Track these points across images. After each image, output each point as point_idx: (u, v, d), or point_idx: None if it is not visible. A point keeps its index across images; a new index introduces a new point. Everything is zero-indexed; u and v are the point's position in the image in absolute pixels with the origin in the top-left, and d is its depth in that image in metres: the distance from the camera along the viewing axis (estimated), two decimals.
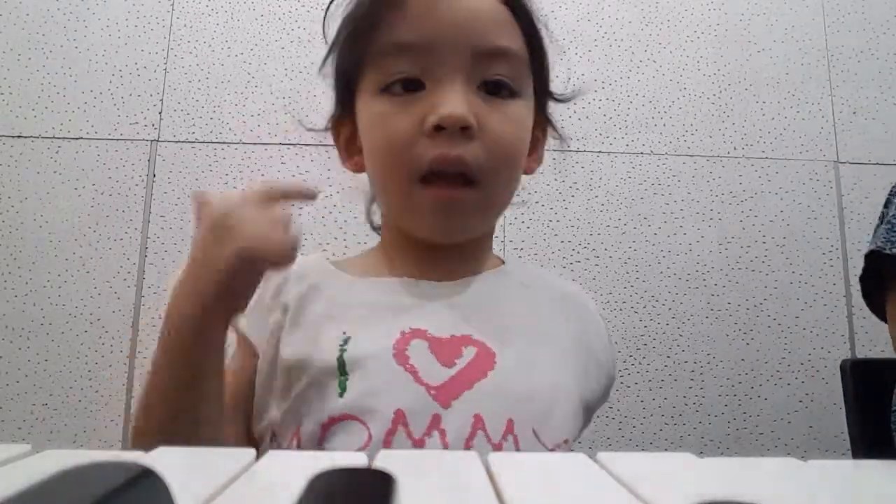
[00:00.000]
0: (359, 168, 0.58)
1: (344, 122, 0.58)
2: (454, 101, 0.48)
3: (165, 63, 1.40)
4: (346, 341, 0.49)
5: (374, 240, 0.65)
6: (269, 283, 0.53)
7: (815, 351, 1.36)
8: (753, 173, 1.43)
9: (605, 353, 0.59)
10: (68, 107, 1.37)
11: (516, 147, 0.53)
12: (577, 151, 1.41)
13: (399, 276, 0.55)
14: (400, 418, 0.45)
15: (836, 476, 0.27)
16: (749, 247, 1.40)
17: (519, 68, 0.53)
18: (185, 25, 1.41)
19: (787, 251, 1.40)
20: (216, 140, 1.37)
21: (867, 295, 0.81)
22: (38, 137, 1.35)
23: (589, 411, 0.57)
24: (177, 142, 1.36)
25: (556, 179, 1.40)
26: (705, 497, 0.17)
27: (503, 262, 0.60)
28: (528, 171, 0.59)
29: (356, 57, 0.53)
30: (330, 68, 0.58)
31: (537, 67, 0.56)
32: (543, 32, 0.56)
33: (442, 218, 0.51)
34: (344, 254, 0.62)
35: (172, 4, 1.42)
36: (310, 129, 0.63)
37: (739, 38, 1.48)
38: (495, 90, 0.51)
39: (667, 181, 1.41)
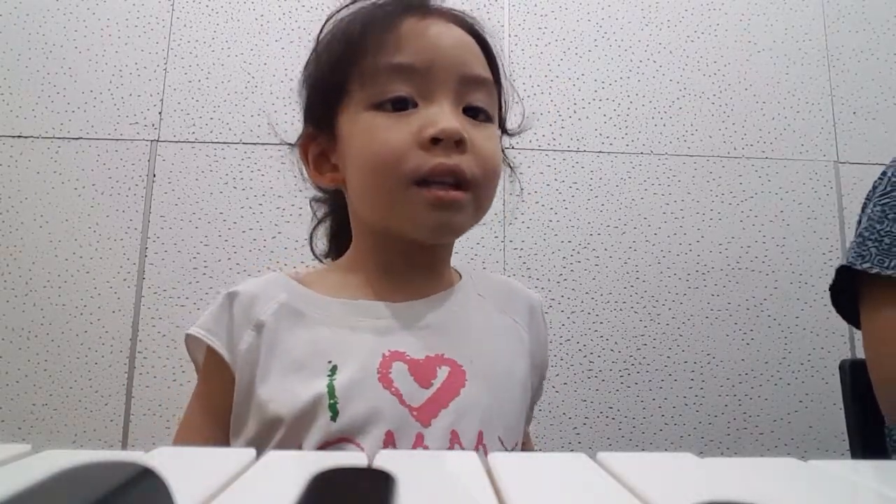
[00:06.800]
0: (334, 182, 0.60)
1: (316, 138, 0.61)
2: (448, 117, 0.53)
3: (165, 63, 1.40)
4: (333, 370, 0.52)
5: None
6: (234, 303, 0.55)
7: (815, 351, 1.36)
8: (753, 173, 1.43)
9: (541, 358, 0.65)
10: (68, 107, 1.37)
11: (497, 163, 0.58)
12: (577, 151, 1.41)
13: (371, 296, 0.58)
14: (389, 438, 0.49)
15: (836, 476, 0.27)
16: (749, 247, 1.40)
17: (492, 97, 0.59)
18: (185, 25, 1.41)
19: (787, 251, 1.40)
20: (216, 140, 1.37)
21: (837, 303, 0.86)
22: (38, 137, 1.35)
23: (530, 410, 0.64)
24: (177, 142, 1.36)
25: (556, 179, 1.40)
26: (705, 497, 0.17)
27: (460, 276, 0.64)
28: None
29: (342, 76, 0.57)
30: (302, 87, 0.62)
31: (499, 100, 0.62)
32: (503, 70, 0.62)
33: (438, 215, 0.54)
34: (298, 268, 0.63)
35: (172, 4, 1.42)
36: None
37: (739, 38, 1.48)
38: (474, 115, 0.56)
39: (667, 181, 1.41)
